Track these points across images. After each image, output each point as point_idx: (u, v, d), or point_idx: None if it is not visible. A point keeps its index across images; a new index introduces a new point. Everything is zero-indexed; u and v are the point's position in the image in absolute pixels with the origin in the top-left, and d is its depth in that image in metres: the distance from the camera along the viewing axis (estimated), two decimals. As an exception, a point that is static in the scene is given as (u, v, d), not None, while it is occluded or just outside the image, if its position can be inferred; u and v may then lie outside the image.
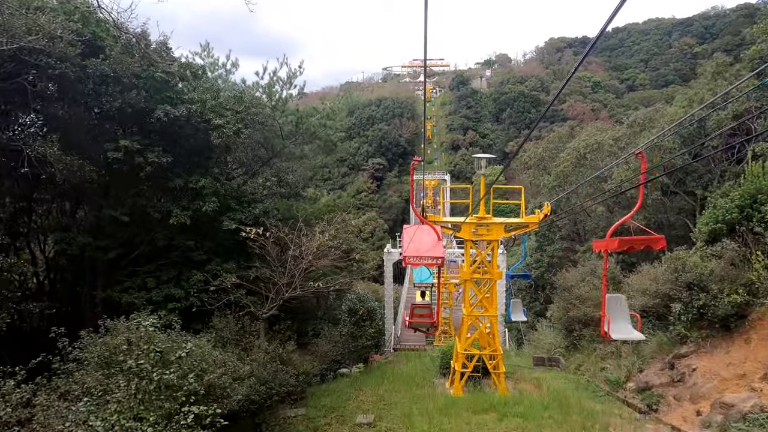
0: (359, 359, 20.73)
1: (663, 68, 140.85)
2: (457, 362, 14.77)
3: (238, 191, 12.69)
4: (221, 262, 11.87)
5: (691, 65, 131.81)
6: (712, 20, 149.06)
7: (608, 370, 14.75)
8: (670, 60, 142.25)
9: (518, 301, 16.79)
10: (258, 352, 9.83)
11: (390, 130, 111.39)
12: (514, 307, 16.01)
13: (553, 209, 14.81)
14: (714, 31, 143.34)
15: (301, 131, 15.81)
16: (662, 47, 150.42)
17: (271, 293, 11.63)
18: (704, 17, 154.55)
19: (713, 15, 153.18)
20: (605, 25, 2.87)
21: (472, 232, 14.32)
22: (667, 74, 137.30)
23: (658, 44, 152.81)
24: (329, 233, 11.20)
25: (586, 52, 4.28)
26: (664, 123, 23.80)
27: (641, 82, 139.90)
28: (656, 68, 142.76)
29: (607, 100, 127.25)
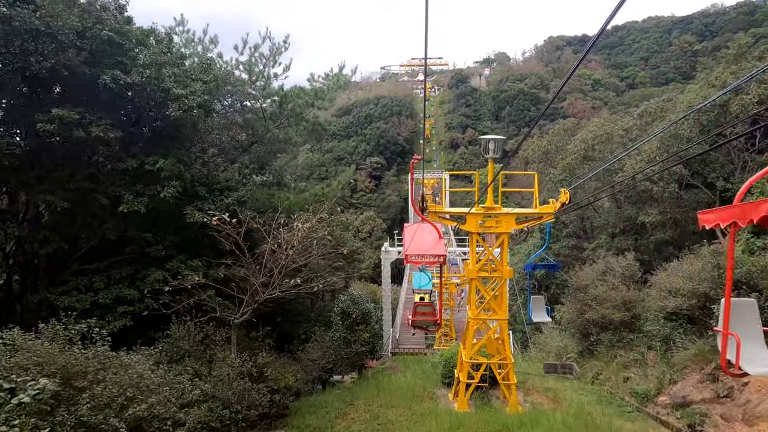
0: (353, 367, 18.96)
1: (663, 66, 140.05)
2: (462, 372, 13.01)
3: (208, 177, 10.95)
4: (186, 258, 10.13)
5: (692, 63, 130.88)
6: (712, 18, 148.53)
7: (633, 381, 12.98)
8: (670, 58, 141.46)
9: (540, 297, 13.78)
10: (222, 367, 8.08)
11: (388, 129, 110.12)
12: (535, 305, 13.35)
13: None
14: (714, 29, 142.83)
15: (285, 113, 14.08)
16: (662, 45, 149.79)
17: (246, 295, 9.88)
18: (704, 15, 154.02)
19: (713, 13, 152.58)
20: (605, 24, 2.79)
21: (479, 224, 12.58)
22: (668, 72, 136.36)
23: (657, 42, 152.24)
24: (311, 223, 9.45)
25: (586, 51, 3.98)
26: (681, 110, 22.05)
27: (641, 80, 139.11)
28: (656, 66, 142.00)
29: (608, 98, 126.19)
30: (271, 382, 10.35)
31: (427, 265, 21.51)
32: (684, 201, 24.56)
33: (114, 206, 9.35)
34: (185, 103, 9.40)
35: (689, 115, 19.61)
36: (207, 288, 9.66)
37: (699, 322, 12.01)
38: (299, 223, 9.37)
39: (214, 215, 8.89)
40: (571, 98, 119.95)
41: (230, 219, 9.14)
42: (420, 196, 12.35)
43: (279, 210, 9.83)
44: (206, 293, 9.67)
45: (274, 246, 9.41)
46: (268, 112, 14.17)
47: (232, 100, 13.25)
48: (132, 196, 9.36)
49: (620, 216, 28.83)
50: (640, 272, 17.55)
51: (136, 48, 9.47)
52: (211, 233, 9.83)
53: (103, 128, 8.82)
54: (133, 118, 10.25)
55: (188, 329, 8.92)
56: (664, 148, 22.75)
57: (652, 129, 25.26)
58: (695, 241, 24.58)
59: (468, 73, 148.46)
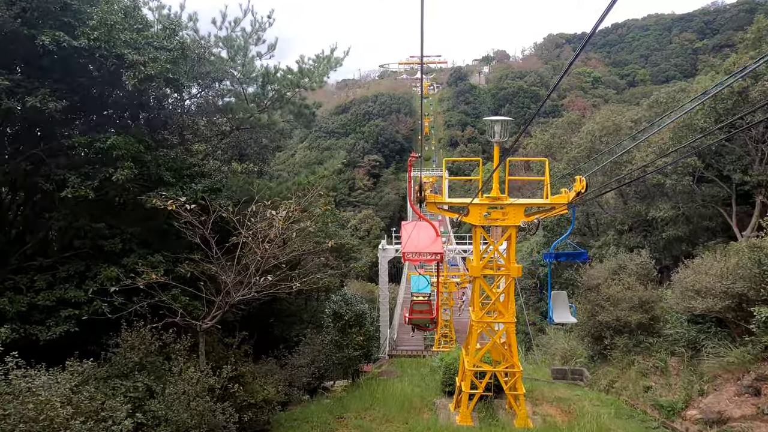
0: (345, 372, 17.60)
1: (663, 63, 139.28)
2: (465, 381, 11.67)
3: (175, 161, 9.59)
4: (147, 254, 8.80)
5: (692, 61, 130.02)
6: (713, 15, 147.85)
7: (655, 391, 11.67)
8: (670, 55, 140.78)
9: (563, 293, 11.28)
10: (178, 383, 6.71)
11: (387, 126, 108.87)
12: (557, 303, 10.93)
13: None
14: (714, 27, 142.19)
15: (269, 95, 12.73)
16: (662, 43, 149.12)
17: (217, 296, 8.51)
18: (704, 12, 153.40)
19: (713, 10, 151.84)
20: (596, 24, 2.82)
21: (484, 216, 11.24)
22: (668, 70, 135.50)
23: (658, 40, 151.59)
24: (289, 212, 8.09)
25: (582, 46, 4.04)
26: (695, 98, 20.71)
27: (641, 77, 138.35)
28: (656, 64, 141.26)
29: (608, 96, 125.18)
30: (247, 396, 8.98)
31: (424, 263, 20.75)
32: (697, 195, 23.24)
33: (57, 191, 7.99)
34: (142, 71, 8.03)
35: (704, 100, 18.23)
36: (170, 288, 8.31)
37: (732, 326, 10.67)
38: (272, 211, 8.01)
39: (170, 199, 7.51)
40: (571, 95, 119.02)
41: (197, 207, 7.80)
42: (417, 185, 11.05)
43: (255, 199, 8.47)
44: (170, 293, 8.34)
45: (247, 237, 8.07)
46: (251, 93, 12.83)
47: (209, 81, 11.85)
48: (79, 180, 8.00)
49: (628, 212, 27.51)
50: (656, 270, 16.22)
51: (86, 7, 8.08)
52: (180, 225, 8.45)
53: (41, 98, 7.45)
54: (84, 89, 8.87)
55: (142, 336, 7.59)
56: (676, 139, 21.43)
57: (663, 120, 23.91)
58: (709, 237, 23.38)
59: (467, 70, 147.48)
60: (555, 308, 10.87)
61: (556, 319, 10.92)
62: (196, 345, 8.50)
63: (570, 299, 16.54)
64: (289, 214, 8.19)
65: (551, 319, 10.86)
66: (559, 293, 11.29)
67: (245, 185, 10.51)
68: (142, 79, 8.19)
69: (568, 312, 11.06)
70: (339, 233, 29.11)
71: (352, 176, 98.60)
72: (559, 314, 10.91)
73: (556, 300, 11.05)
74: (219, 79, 12.13)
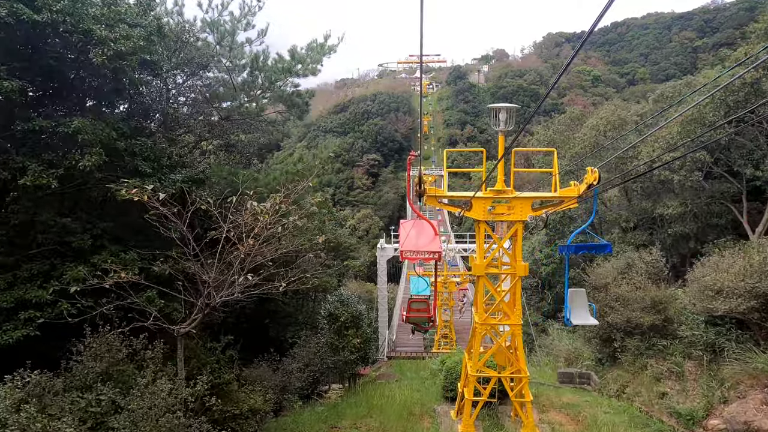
0: (341, 377, 16.83)
1: (663, 62, 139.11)
2: (468, 387, 10.89)
3: (154, 150, 8.80)
4: (120, 251, 8.03)
5: (692, 59, 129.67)
6: (713, 14, 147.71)
7: (671, 397, 10.89)
8: (670, 54, 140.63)
9: (581, 291, 10.02)
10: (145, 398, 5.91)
11: (385, 125, 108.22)
12: (575, 302, 9.63)
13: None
14: (714, 25, 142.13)
15: (258, 83, 11.95)
16: (662, 41, 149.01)
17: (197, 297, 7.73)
18: (704, 11, 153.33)
19: (713, 9, 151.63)
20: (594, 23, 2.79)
21: (488, 210, 10.47)
22: (668, 68, 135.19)
23: (657, 38, 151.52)
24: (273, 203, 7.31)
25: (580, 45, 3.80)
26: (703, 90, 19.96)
27: (641, 76, 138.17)
28: (656, 62, 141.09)
29: (608, 94, 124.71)
30: (231, 406, 8.21)
31: (423, 261, 20.36)
32: (705, 191, 22.47)
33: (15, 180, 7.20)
34: (111, 48, 7.25)
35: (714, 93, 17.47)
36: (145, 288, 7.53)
37: (755, 328, 9.90)
38: (253, 202, 7.21)
39: (135, 187, 6.69)
40: (571, 94, 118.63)
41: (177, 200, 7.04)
42: (417, 178, 10.30)
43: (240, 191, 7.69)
44: (145, 295, 7.57)
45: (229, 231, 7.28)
46: (239, 82, 12.07)
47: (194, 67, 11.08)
48: (41, 168, 7.20)
49: (633, 209, 26.75)
50: (666, 269, 15.45)
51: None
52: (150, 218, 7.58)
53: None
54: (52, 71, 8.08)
55: (109, 343, 6.81)
56: (685, 134, 20.67)
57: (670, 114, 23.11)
58: (718, 235, 22.64)
59: (466, 69, 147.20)
60: (573, 308, 9.57)
61: (574, 321, 9.50)
62: (175, 350, 7.71)
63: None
64: (276, 206, 7.41)
65: (568, 321, 9.58)
66: (577, 291, 10.00)
67: (230, 176, 9.74)
68: (111, 57, 7.41)
69: (587, 312, 9.67)
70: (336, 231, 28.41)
71: (350, 175, 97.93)
72: (578, 315, 9.60)
73: (574, 299, 9.70)
74: (205, 66, 11.35)
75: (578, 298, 9.83)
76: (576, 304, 9.67)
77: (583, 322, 9.75)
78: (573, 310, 9.51)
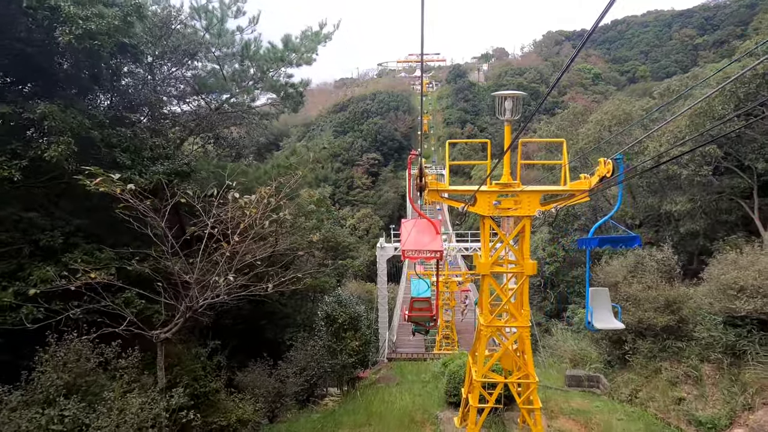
0: (339, 381, 16.20)
1: (664, 60, 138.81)
2: (472, 393, 10.25)
3: (133, 140, 8.15)
4: (94, 249, 7.38)
5: (693, 57, 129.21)
6: (713, 11, 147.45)
7: (689, 403, 10.24)
8: (670, 52, 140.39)
9: (604, 290, 8.92)
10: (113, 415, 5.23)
11: (385, 124, 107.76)
12: (596, 302, 8.55)
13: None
14: (715, 23, 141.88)
15: (250, 74, 11.30)
16: (662, 39, 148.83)
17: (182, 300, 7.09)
18: (704, 9, 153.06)
19: (713, 6, 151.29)
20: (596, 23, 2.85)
21: (493, 205, 9.82)
22: (669, 66, 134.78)
23: (658, 36, 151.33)
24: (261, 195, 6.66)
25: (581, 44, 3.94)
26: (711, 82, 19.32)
27: (642, 74, 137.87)
28: (657, 60, 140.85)
29: (608, 92, 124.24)
30: (218, 416, 7.56)
31: (424, 260, 20.12)
32: (714, 187, 21.81)
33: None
34: (80, 27, 6.59)
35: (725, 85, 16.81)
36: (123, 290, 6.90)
37: (782, 329, 9.26)
38: (235, 193, 6.56)
39: (100, 177, 6.02)
40: (571, 92, 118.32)
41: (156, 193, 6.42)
42: (417, 170, 9.68)
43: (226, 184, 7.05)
44: (122, 297, 6.93)
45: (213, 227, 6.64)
46: (230, 71, 11.42)
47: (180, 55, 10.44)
48: (1, 158, 6.55)
49: (638, 206, 26.10)
50: (678, 267, 14.79)
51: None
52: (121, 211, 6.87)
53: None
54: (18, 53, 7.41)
55: (77, 351, 6.17)
56: (693, 127, 20.02)
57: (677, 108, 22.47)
58: (728, 232, 21.99)
59: (466, 68, 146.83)
60: (596, 310, 8.40)
61: (597, 324, 8.34)
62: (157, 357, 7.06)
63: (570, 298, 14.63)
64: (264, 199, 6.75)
65: (591, 325, 8.30)
66: (599, 290, 8.84)
67: (218, 170, 9.10)
68: (80, 36, 6.76)
69: (611, 314, 8.53)
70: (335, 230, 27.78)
71: (350, 175, 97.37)
72: (601, 318, 8.44)
73: (596, 299, 8.56)
74: (192, 55, 10.70)
75: (600, 298, 8.69)
76: (598, 305, 8.53)
77: (606, 326, 8.67)
78: (595, 312, 8.37)
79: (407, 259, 18.49)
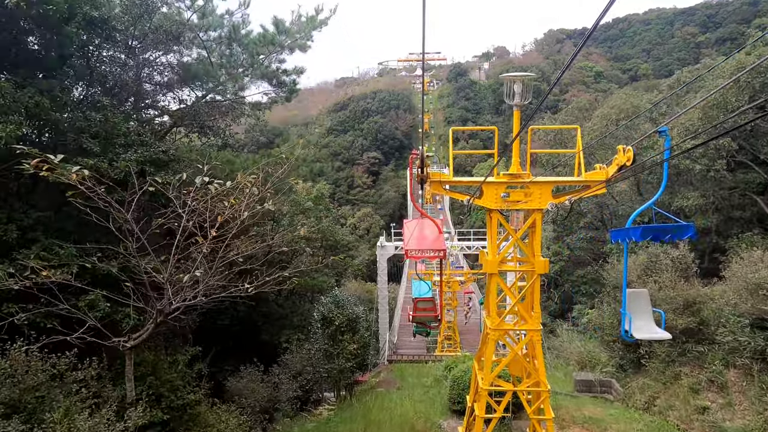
0: (336, 386, 15.38)
1: (666, 58, 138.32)
2: (479, 403, 9.45)
3: (104, 125, 7.37)
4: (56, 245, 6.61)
5: (695, 55, 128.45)
6: (715, 9, 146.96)
7: (714, 413, 9.40)
8: (672, 50, 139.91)
9: (643, 292, 7.41)
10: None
11: (386, 123, 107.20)
12: (633, 306, 7.02)
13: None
14: (717, 20, 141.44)
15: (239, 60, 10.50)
16: (664, 37, 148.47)
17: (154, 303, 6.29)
18: (706, 6, 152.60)
19: (716, 4, 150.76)
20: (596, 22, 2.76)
21: (501, 197, 9.02)
22: (671, 64, 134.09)
23: (660, 34, 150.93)
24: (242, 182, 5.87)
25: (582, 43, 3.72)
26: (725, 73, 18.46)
27: (644, 72, 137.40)
28: (659, 58, 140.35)
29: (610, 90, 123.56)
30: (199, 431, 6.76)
31: (427, 260, 19.83)
32: (727, 181, 20.96)
33: None
34: (34, -8, 5.87)
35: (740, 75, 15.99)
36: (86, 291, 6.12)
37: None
38: (204, 178, 5.75)
39: (38, 157, 5.19)
40: (573, 90, 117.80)
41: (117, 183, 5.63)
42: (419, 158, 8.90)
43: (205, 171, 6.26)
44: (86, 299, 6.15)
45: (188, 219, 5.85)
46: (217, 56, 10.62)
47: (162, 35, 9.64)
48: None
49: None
50: (695, 265, 13.97)
51: None
52: (74, 200, 6.01)
53: None
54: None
55: (24, 362, 5.39)
56: (706, 120, 19.17)
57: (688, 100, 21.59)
58: (742, 229, 21.16)
59: (467, 66, 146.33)
60: (635, 316, 6.87)
61: (636, 334, 6.78)
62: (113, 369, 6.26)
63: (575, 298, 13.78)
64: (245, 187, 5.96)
65: (628, 335, 6.75)
66: (638, 293, 7.36)
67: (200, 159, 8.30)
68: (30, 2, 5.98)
69: (652, 321, 7.03)
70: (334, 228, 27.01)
71: (350, 174, 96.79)
72: (641, 325, 6.89)
73: (634, 303, 7.07)
74: (176, 36, 9.90)
75: (639, 302, 7.16)
76: (637, 311, 6.98)
77: (649, 336, 7.11)
78: (635, 320, 6.80)
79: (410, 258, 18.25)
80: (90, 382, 5.70)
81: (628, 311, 6.82)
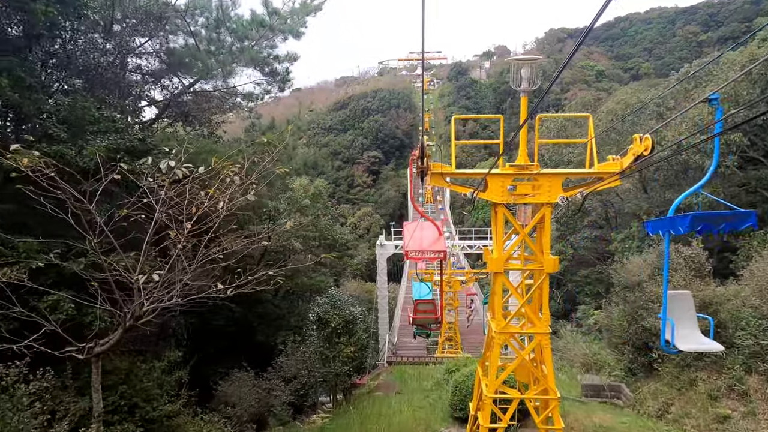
0: (332, 390, 14.74)
1: (667, 57, 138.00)
2: (483, 411, 8.80)
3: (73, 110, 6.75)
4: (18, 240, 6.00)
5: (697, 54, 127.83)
6: (717, 8, 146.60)
7: (736, 423, 8.75)
8: (674, 48, 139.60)
9: (686, 294, 6.08)
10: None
11: (386, 122, 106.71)
12: (675, 311, 5.73)
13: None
14: (719, 19, 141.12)
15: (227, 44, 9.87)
16: (666, 36, 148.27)
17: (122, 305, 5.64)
18: (708, 5, 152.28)
19: (717, 3, 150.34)
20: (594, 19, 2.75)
21: (508, 190, 8.37)
22: (672, 63, 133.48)
23: (661, 33, 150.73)
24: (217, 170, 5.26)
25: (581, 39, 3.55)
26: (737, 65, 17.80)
27: (645, 71, 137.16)
28: (660, 57, 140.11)
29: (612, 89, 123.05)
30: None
31: (427, 261, 19.54)
32: (738, 178, 20.30)
33: None
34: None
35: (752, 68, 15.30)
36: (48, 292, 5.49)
37: None
38: (170, 162, 5.13)
39: None
40: (574, 89, 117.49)
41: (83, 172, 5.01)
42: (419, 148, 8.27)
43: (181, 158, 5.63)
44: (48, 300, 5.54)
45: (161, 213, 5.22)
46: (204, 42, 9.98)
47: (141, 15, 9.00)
48: None
49: (653, 200, 24.61)
50: (708, 264, 13.31)
51: None
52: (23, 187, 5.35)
53: None
54: None
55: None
56: (716, 114, 18.49)
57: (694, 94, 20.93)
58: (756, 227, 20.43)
59: (467, 65, 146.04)
60: (679, 324, 5.59)
61: (681, 345, 5.47)
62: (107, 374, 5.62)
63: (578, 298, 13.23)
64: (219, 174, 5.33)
65: (671, 347, 5.46)
66: (680, 295, 6.10)
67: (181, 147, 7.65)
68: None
69: (697, 328, 5.85)
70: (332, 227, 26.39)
71: (351, 173, 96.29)
72: (685, 334, 5.64)
73: (675, 306, 5.83)
74: (159, 17, 9.25)
75: (681, 306, 5.91)
76: (680, 317, 5.72)
77: (697, 348, 5.84)
78: (679, 328, 5.53)
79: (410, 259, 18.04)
80: (44, 395, 5.07)
81: (669, 316, 5.56)
